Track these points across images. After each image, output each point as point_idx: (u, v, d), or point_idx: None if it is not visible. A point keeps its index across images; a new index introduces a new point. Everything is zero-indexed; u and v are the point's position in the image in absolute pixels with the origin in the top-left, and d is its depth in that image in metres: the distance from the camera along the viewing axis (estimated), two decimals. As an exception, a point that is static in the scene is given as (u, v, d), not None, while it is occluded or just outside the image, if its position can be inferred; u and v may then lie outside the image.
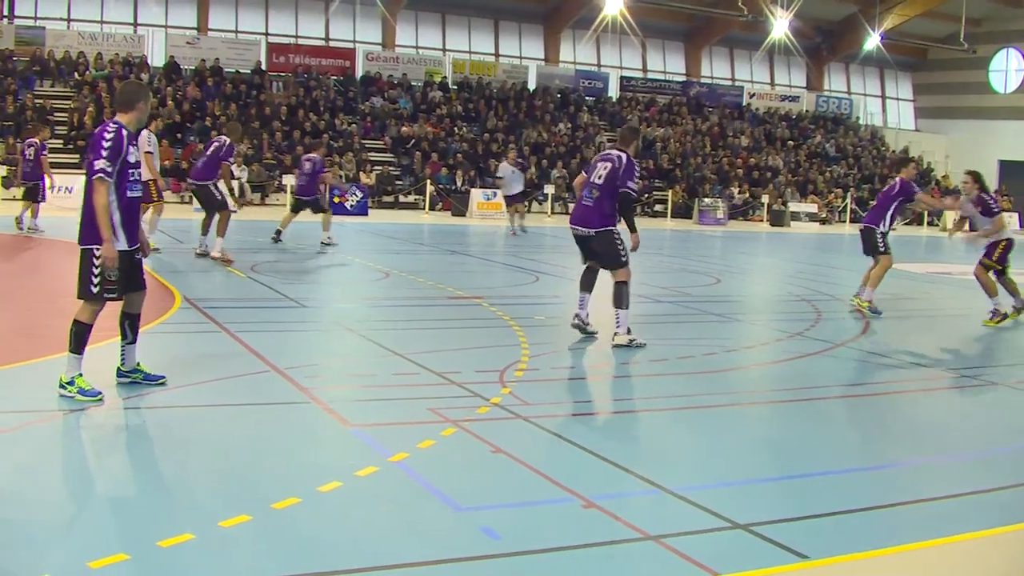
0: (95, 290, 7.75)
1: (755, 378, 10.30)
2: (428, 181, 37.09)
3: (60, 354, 9.42)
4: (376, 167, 39.01)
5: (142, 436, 7.21)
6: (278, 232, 20.60)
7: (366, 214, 33.47)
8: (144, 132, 18.66)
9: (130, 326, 8.20)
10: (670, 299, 15.18)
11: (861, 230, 15.41)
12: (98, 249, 7.70)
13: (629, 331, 10.94)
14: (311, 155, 21.70)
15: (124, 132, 7.75)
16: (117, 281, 7.79)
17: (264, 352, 9.62)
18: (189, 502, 5.75)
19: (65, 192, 31.08)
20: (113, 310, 8.13)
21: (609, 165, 11.04)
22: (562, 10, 50.26)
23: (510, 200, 28.13)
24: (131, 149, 7.80)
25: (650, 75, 54.28)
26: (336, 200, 33.48)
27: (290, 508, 5.60)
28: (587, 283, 11.55)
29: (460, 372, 9.10)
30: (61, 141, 36.07)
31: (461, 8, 49.04)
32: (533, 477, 6.33)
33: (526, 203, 28.25)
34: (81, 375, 7.75)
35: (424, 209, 36.55)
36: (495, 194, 35.69)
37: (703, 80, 55.18)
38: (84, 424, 7.33)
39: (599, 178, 11.02)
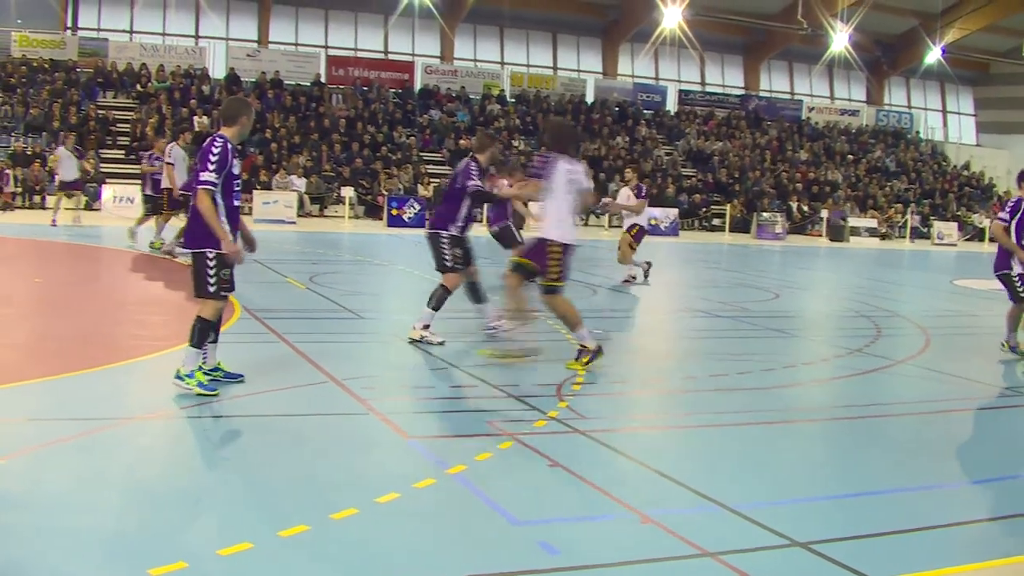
0: (212, 289, 8.16)
1: (814, 394, 10.22)
2: (486, 194, 37.09)
3: (120, 363, 9.57)
4: (434, 180, 39.10)
5: (200, 446, 7.27)
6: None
7: (424, 226, 33.54)
8: (171, 144, 19.08)
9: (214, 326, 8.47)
10: (728, 314, 15.10)
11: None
12: (211, 251, 8.11)
13: (427, 327, 11.06)
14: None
15: (229, 146, 8.23)
16: (229, 279, 8.29)
17: (323, 363, 9.66)
18: (248, 511, 5.79)
19: (126, 202, 31.44)
20: (178, 316, 8.21)
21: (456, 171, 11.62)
22: (621, 23, 50.23)
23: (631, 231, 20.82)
24: (235, 162, 8.28)
25: (708, 88, 54.12)
26: (394, 213, 33.64)
27: (348, 519, 5.62)
28: (471, 297, 11.89)
29: (518, 385, 9.10)
30: (123, 152, 36.56)
31: (519, 21, 49.12)
32: (590, 491, 6.31)
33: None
34: (201, 370, 8.18)
35: (482, 221, 36.53)
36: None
37: (762, 94, 54.92)
38: (144, 433, 7.41)
39: (447, 185, 11.69)
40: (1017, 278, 12.04)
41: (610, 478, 6.58)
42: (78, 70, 40.78)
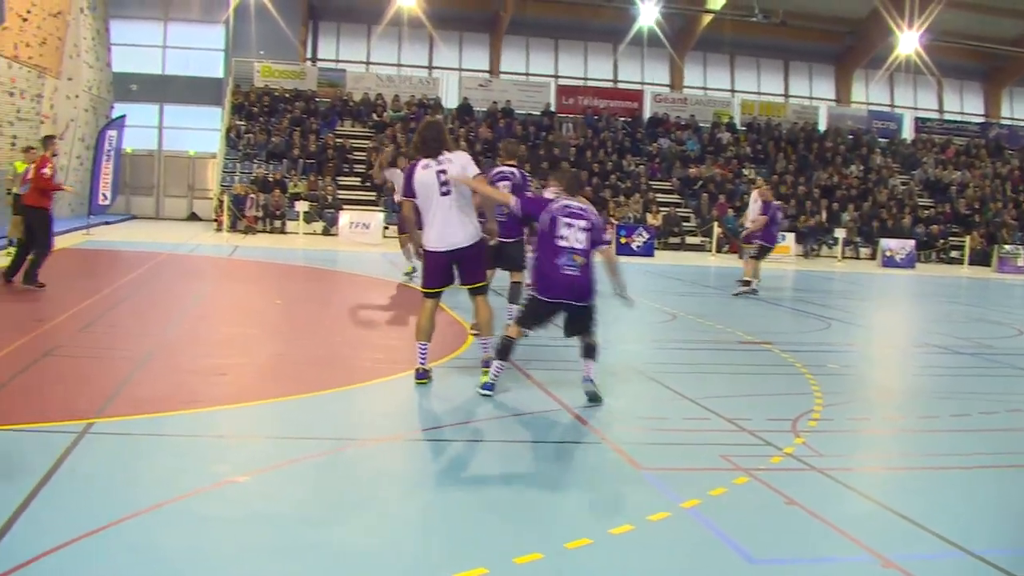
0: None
1: (1065, 437, 9.74)
2: (715, 223, 36.82)
3: (357, 385, 9.81)
4: (663, 208, 39.03)
5: (435, 469, 7.37)
6: (747, 283, 20.54)
7: (652, 255, 33.48)
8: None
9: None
10: (969, 351, 14.53)
11: None
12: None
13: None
14: (776, 203, 21.73)
15: None
16: None
17: (554, 390, 9.72)
18: (483, 537, 5.84)
19: (362, 228, 32.36)
20: (412, 341, 8.33)
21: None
22: (855, 50, 49.18)
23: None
24: None
25: (946, 116, 52.42)
26: (622, 241, 33.66)
27: (582, 548, 5.61)
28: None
29: (751, 419, 8.95)
30: (359, 179, 37.67)
31: (750, 49, 48.62)
32: (828, 532, 6.14)
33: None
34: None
35: (710, 251, 36.29)
36: (783, 237, 34.99)
37: (1003, 121, 52.84)
38: (381, 454, 7.58)
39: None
40: None
41: (849, 518, 6.39)
42: (317, 100, 42.29)
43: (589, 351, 9.42)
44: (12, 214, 21.78)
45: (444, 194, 9.57)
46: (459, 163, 9.66)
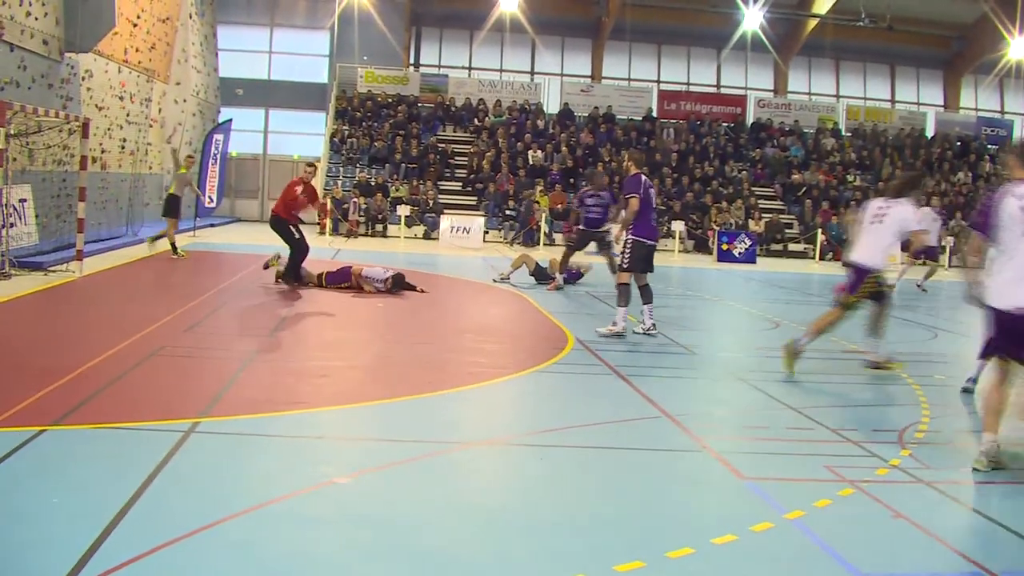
0: None
1: None
2: (819, 230, 36.34)
3: (460, 388, 9.82)
4: (765, 215, 38.59)
5: (535, 474, 7.31)
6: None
7: (754, 262, 33.13)
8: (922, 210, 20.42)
9: None
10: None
11: None
12: None
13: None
14: None
15: None
16: None
17: (655, 397, 9.64)
18: (583, 543, 5.80)
19: (463, 232, 32.54)
20: (515, 346, 8.29)
21: None
22: (964, 55, 48.24)
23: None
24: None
25: (1059, 123, 51.26)
26: (724, 247, 33.37)
27: (684, 558, 5.55)
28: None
29: (856, 430, 8.80)
30: (459, 184, 37.87)
31: (856, 54, 47.94)
32: (938, 547, 6.00)
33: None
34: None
35: (814, 258, 35.82)
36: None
37: (1119, 128, 51.54)
38: (478, 458, 7.57)
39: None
40: None
41: (960, 534, 6.26)
42: (419, 105, 42.60)
43: None
44: (162, 214, 22.90)
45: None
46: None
